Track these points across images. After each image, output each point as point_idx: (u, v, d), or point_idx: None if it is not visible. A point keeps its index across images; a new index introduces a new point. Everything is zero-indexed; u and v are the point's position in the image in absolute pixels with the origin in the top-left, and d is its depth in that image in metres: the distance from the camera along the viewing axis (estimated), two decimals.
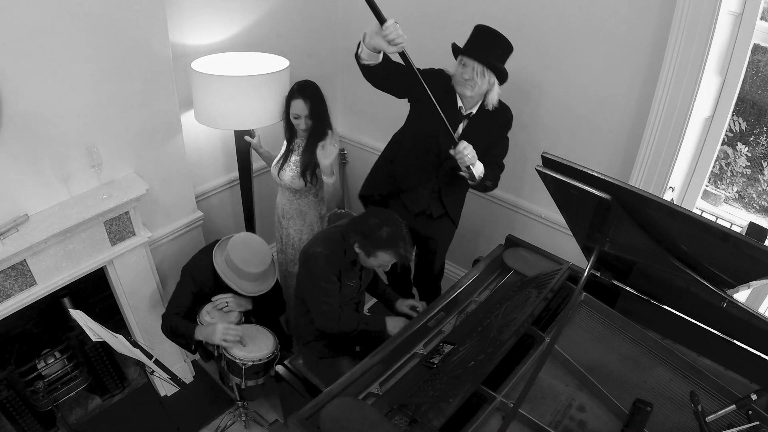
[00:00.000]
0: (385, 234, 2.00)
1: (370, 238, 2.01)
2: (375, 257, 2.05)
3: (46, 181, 2.05)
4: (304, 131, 2.40)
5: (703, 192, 2.39)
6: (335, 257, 2.11)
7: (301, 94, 2.32)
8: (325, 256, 2.09)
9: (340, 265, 2.13)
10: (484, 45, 2.05)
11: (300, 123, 2.37)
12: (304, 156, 2.42)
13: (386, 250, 2.02)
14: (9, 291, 2.00)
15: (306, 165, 2.41)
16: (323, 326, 2.14)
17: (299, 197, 2.55)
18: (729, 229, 1.27)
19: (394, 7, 2.85)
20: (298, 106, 2.33)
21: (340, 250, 2.12)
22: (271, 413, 2.68)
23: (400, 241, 2.02)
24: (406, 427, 1.51)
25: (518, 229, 2.83)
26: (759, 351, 1.50)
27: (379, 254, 2.03)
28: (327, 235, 2.19)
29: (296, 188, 2.50)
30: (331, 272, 2.11)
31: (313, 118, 2.35)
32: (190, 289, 2.32)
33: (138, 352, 1.88)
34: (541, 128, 2.55)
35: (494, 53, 2.05)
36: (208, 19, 2.52)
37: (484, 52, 2.03)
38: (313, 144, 2.37)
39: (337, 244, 2.13)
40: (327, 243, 2.14)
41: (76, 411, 2.61)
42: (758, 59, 2.16)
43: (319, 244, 2.13)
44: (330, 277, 2.11)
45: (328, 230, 2.26)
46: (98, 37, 1.98)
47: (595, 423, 1.49)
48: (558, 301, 1.92)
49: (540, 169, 1.45)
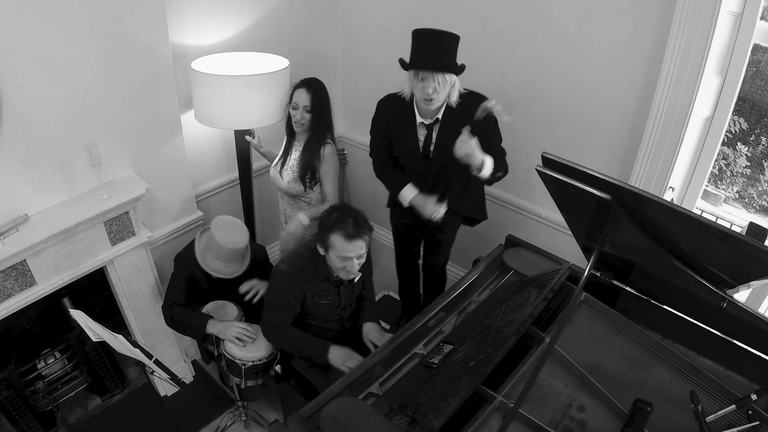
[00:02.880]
0: (333, 217, 1.96)
1: (321, 227, 1.99)
2: (331, 248, 1.96)
3: (46, 181, 2.05)
4: (300, 125, 2.37)
5: (703, 192, 2.39)
6: (299, 276, 2.08)
7: (306, 86, 2.32)
8: (287, 275, 2.08)
9: (305, 284, 2.09)
10: (435, 50, 1.96)
11: (297, 114, 2.34)
12: (303, 156, 2.40)
13: (334, 231, 1.94)
14: (9, 291, 2.00)
15: (305, 167, 2.39)
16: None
17: (298, 201, 2.52)
18: (729, 229, 1.27)
19: (395, 7, 2.86)
20: (300, 95, 2.32)
21: (309, 268, 2.09)
22: (271, 413, 2.68)
23: (348, 218, 1.94)
24: (406, 427, 1.51)
25: (518, 229, 2.83)
26: (759, 351, 1.50)
27: (331, 240, 1.94)
28: (295, 253, 2.17)
29: (294, 192, 2.48)
30: (289, 291, 2.08)
31: (313, 111, 2.33)
32: (182, 275, 2.34)
33: (138, 352, 1.88)
34: (541, 128, 2.55)
35: (447, 54, 1.97)
36: (208, 19, 2.52)
37: (439, 58, 1.95)
38: (312, 141, 2.36)
39: (305, 261, 2.10)
40: (293, 261, 2.12)
41: (76, 411, 2.61)
42: (758, 59, 2.16)
43: (285, 261, 2.13)
44: (286, 296, 2.09)
45: (299, 247, 2.24)
46: (98, 36, 1.98)
47: (595, 423, 1.49)
48: (558, 301, 1.92)
49: (540, 169, 1.45)
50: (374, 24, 3.01)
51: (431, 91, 1.99)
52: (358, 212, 2.00)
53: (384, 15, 2.93)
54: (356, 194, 3.70)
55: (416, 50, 1.99)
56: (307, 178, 2.40)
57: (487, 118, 2.14)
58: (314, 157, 2.37)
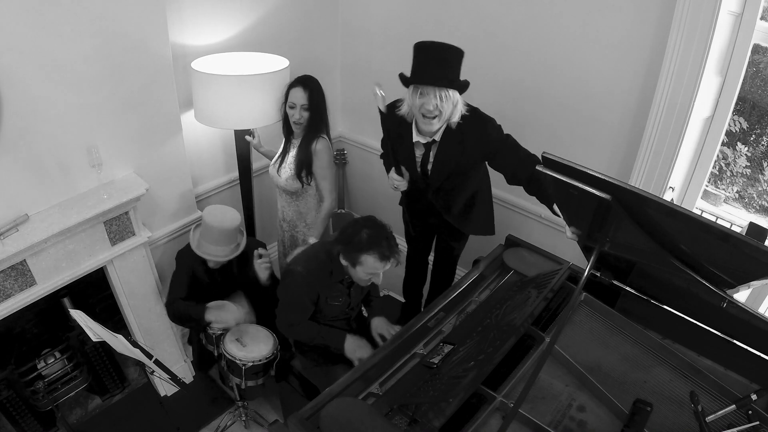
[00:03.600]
0: (366, 236, 1.91)
1: (351, 243, 1.94)
2: (360, 264, 1.94)
3: (46, 180, 2.05)
4: (298, 124, 2.37)
5: (703, 192, 2.39)
6: (314, 278, 2.06)
7: (301, 84, 2.32)
8: (303, 276, 2.06)
9: (320, 286, 2.08)
10: (437, 64, 1.85)
11: (295, 113, 2.34)
12: (299, 153, 2.40)
13: (369, 252, 1.91)
14: (9, 291, 2.00)
15: (300, 164, 2.40)
16: (281, 330, 2.18)
17: (297, 199, 2.53)
18: (729, 229, 1.27)
19: (395, 8, 2.85)
20: (297, 94, 2.32)
21: (323, 270, 2.07)
22: (271, 413, 2.68)
23: (382, 240, 1.91)
24: (406, 427, 1.51)
25: (518, 229, 2.83)
26: (759, 351, 1.50)
27: (363, 259, 1.93)
28: (311, 254, 2.15)
29: (292, 190, 2.49)
30: (306, 294, 2.07)
31: (310, 110, 2.33)
32: (184, 272, 2.37)
33: (138, 352, 1.88)
34: (542, 128, 2.55)
35: (450, 68, 1.87)
36: (208, 19, 2.52)
37: (441, 73, 1.84)
38: (307, 142, 2.37)
39: (320, 264, 2.07)
40: (308, 263, 2.10)
41: (76, 411, 2.61)
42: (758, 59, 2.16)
43: (301, 263, 2.11)
44: (302, 297, 2.08)
45: (313, 248, 2.23)
46: (98, 36, 1.98)
47: (595, 423, 1.49)
48: (558, 301, 1.92)
49: (540, 169, 1.45)
50: (374, 24, 3.01)
51: (431, 107, 1.89)
52: (389, 231, 1.98)
53: (384, 15, 2.93)
54: (356, 194, 3.70)
55: (417, 64, 1.89)
56: (302, 175, 2.41)
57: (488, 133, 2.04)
58: (308, 152, 2.38)
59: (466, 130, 2.04)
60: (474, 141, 2.06)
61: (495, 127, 2.08)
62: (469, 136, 2.04)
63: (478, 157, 2.12)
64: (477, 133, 2.05)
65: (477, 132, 2.05)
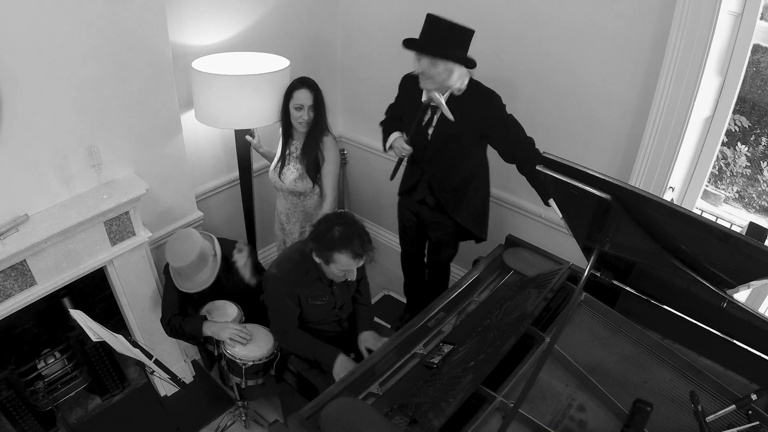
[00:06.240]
0: (338, 233, 1.89)
1: (323, 241, 1.92)
2: (334, 262, 1.93)
3: (46, 180, 2.05)
4: (307, 124, 2.39)
5: (703, 192, 2.39)
6: (291, 279, 2.06)
7: (307, 85, 2.34)
8: (278, 279, 2.06)
9: (298, 287, 2.08)
10: (431, 36, 2.06)
11: (303, 115, 2.36)
12: (307, 150, 2.42)
13: (341, 250, 1.89)
14: (9, 291, 2.00)
15: (310, 162, 2.41)
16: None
17: (303, 199, 2.54)
18: (729, 229, 1.27)
19: (395, 8, 2.85)
20: (303, 95, 2.33)
21: (299, 271, 2.06)
22: (271, 413, 2.68)
23: (354, 238, 1.89)
24: (406, 427, 1.51)
25: (518, 229, 2.83)
26: (759, 351, 1.50)
27: (336, 257, 1.91)
28: (285, 256, 2.15)
29: (300, 190, 2.49)
30: (284, 295, 2.07)
31: (316, 109, 2.36)
32: (172, 286, 2.33)
33: (138, 352, 1.88)
34: (541, 128, 2.55)
35: (446, 42, 2.04)
36: (208, 19, 2.52)
37: (434, 43, 2.04)
38: (314, 139, 2.39)
39: (294, 264, 2.07)
40: (283, 264, 2.09)
41: (76, 411, 2.61)
42: (758, 59, 2.16)
43: (275, 266, 2.11)
44: (282, 300, 2.07)
45: (288, 250, 2.22)
46: (98, 36, 1.98)
47: (595, 423, 1.49)
48: (558, 301, 1.92)
49: (540, 169, 1.45)
50: (374, 24, 3.01)
51: (419, 70, 2.10)
52: (362, 228, 1.96)
53: (384, 15, 2.93)
54: (356, 194, 3.70)
55: (421, 33, 2.08)
56: (313, 173, 2.43)
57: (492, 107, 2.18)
58: (317, 148, 2.41)
59: (470, 99, 2.17)
60: (476, 110, 2.18)
61: (498, 101, 2.19)
62: (472, 104, 2.17)
63: (477, 127, 2.22)
64: (480, 103, 2.18)
65: (480, 102, 2.18)
